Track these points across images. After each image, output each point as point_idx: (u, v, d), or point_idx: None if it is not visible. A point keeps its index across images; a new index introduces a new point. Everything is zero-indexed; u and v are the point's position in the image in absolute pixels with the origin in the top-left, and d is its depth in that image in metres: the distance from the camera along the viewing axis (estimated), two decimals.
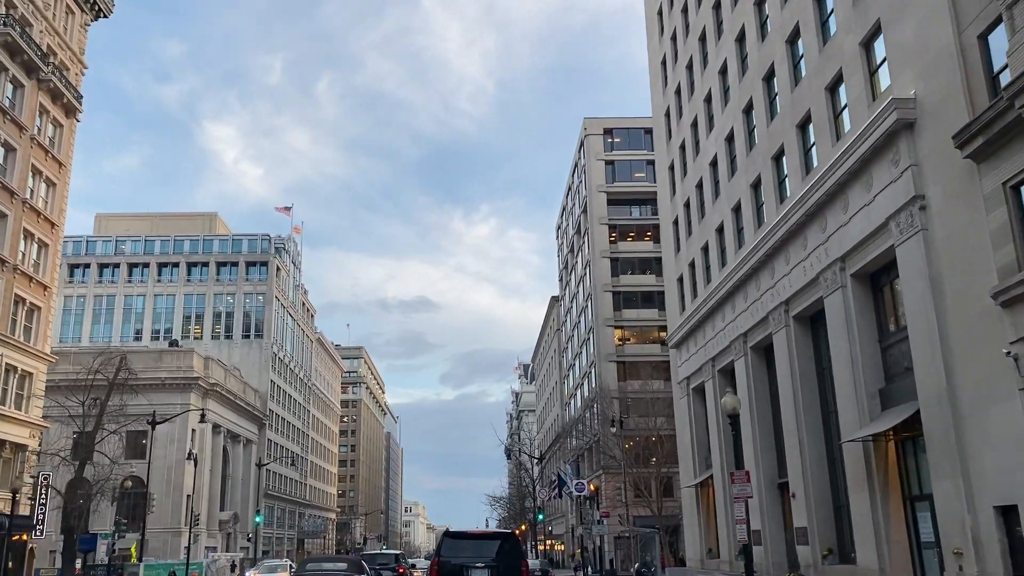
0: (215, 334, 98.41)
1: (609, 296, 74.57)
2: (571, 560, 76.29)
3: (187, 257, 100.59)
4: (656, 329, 74.36)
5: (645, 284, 75.01)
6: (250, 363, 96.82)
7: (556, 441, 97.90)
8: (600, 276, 74.91)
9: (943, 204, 19.39)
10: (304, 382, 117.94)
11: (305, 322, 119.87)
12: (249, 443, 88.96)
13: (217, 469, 79.50)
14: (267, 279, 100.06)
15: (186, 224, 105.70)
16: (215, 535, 77.51)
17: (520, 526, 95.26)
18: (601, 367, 71.78)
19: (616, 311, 74.44)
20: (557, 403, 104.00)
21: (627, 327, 74.48)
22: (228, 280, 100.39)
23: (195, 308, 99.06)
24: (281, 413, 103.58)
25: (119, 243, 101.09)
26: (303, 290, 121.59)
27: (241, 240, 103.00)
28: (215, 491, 78.69)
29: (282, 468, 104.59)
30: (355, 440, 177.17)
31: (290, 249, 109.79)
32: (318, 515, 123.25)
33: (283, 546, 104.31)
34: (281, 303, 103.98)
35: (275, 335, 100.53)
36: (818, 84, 26.30)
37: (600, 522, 64.75)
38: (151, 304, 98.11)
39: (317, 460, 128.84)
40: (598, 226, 76.39)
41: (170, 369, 72.58)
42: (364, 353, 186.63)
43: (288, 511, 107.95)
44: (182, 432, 71.35)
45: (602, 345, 73.17)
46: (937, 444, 19.47)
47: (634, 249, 76.10)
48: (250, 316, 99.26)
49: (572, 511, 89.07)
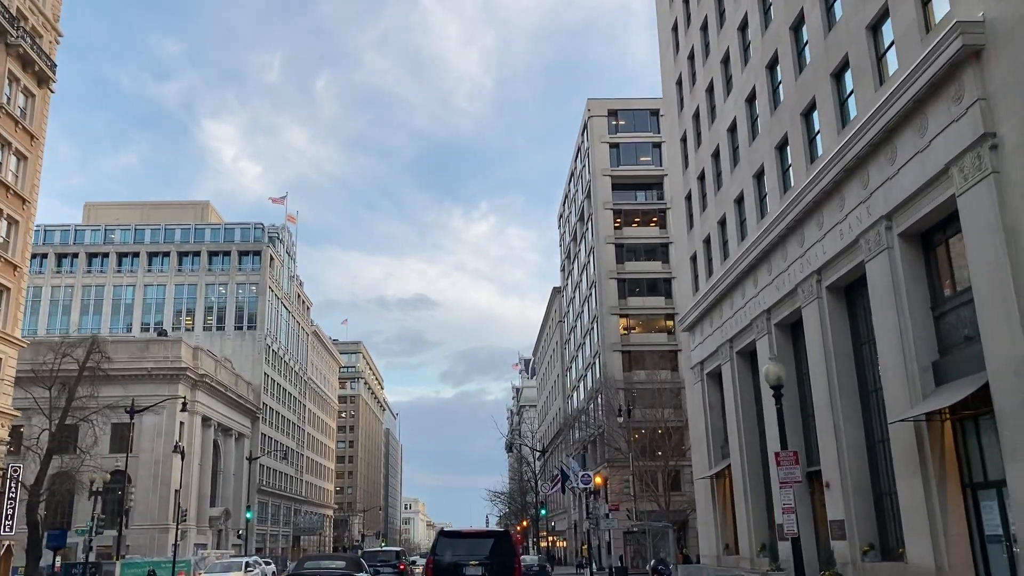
0: (207, 325, 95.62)
1: (614, 284, 71.79)
2: (577, 556, 73.63)
3: (178, 246, 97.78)
4: (663, 317, 71.69)
5: (651, 271, 72.26)
6: (243, 355, 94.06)
7: (559, 435, 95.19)
8: (605, 263, 72.12)
9: (1021, 141, 16.60)
10: (299, 376, 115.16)
11: (300, 314, 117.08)
12: (241, 437, 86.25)
13: (208, 464, 76.78)
14: (260, 269, 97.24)
15: (178, 213, 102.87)
16: (205, 532, 74.80)
17: (522, 522, 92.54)
18: (606, 356, 69.02)
19: (621, 299, 71.67)
20: (559, 396, 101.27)
21: (632, 315, 71.74)
22: (220, 270, 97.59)
23: (186, 299, 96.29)
24: (275, 407, 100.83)
25: (108, 232, 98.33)
26: (298, 282, 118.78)
27: (234, 229, 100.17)
28: (205, 486, 75.97)
29: (276, 463, 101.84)
30: (353, 436, 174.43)
31: (284, 239, 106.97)
32: (314, 512, 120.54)
33: (278, 543, 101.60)
34: (275, 294, 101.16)
35: (269, 327, 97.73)
36: (857, 24, 23.48)
37: (607, 516, 62.02)
38: (141, 295, 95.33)
39: (313, 456, 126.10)
40: (602, 211, 73.60)
41: (157, 359, 69.81)
42: (362, 348, 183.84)
43: (283, 507, 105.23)
44: (170, 425, 68.62)
45: (607, 334, 70.42)
46: (1011, 421, 16.68)
47: (639, 235, 73.33)
48: (243, 307, 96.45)
49: (575, 506, 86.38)
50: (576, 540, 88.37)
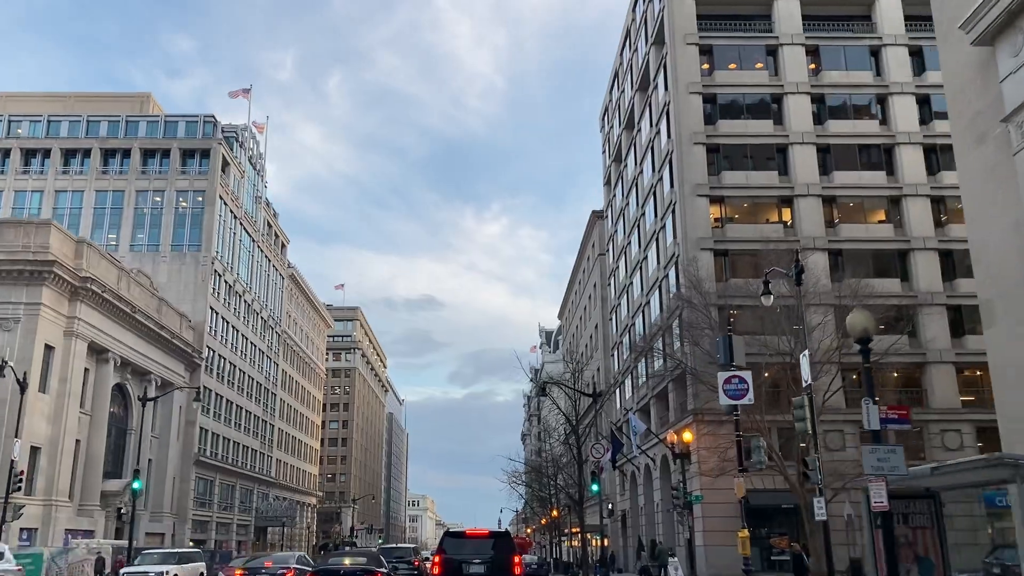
0: (136, 243, 72.22)
1: (701, 152, 47.67)
2: (638, 559, 49.69)
3: (102, 142, 74.40)
4: (776, 201, 47.63)
5: (759, 133, 48.17)
6: (181, 283, 70.60)
7: (597, 401, 70.19)
8: (687, 121, 47.98)
9: None
10: (269, 326, 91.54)
11: (271, 250, 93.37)
12: (169, 386, 62.25)
13: (102, 416, 53.23)
14: (209, 172, 73.64)
15: (110, 106, 79.28)
16: (91, 513, 51.21)
17: (552, 511, 68.38)
18: (687, 257, 44.91)
19: (712, 175, 47.61)
20: (599, 352, 77.15)
21: (731, 198, 47.66)
22: (157, 173, 74.16)
23: (110, 209, 72.90)
24: (227, 356, 77.20)
25: (13, 123, 75.18)
26: (269, 208, 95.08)
27: (176, 122, 76.63)
28: (96, 448, 52.46)
29: (231, 431, 78.33)
30: (348, 416, 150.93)
31: (247, 143, 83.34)
32: (286, 498, 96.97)
33: (230, 534, 77.99)
34: (230, 210, 77.56)
35: (219, 250, 74.15)
36: None
37: (690, 499, 38.09)
38: (50, 202, 72.01)
39: (290, 429, 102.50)
40: (683, 48, 49.41)
41: (10, 248, 46.28)
42: (360, 315, 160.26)
43: (240, 489, 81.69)
44: (26, 350, 45.16)
45: (690, 225, 46.34)
46: None
47: (740, 82, 49.20)
48: (184, 220, 72.91)
49: (624, 486, 62.28)
50: (623, 536, 64.15)
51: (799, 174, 47.18)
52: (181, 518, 66.04)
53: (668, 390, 49.33)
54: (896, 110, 48.26)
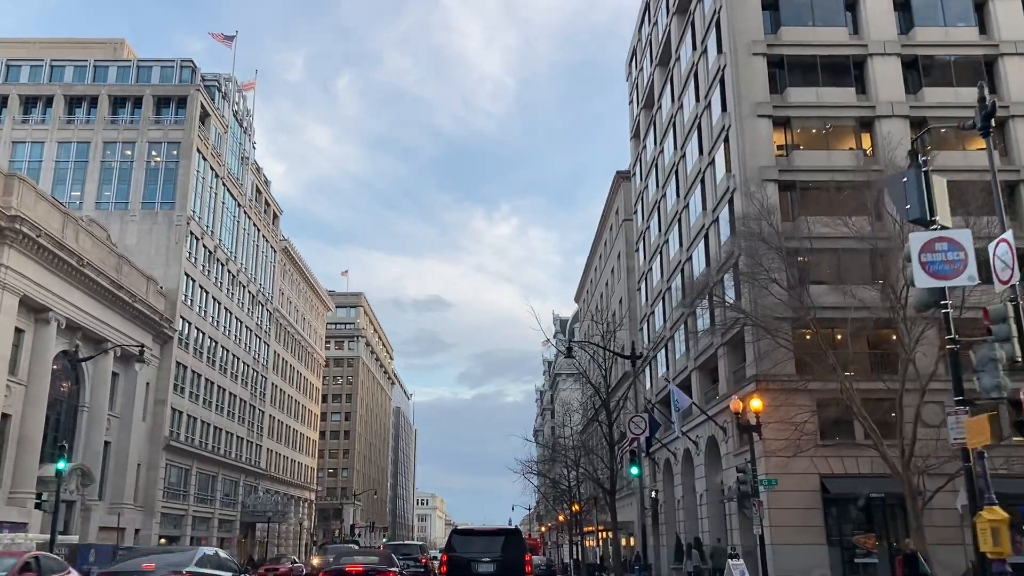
0: (102, 200, 64.04)
1: (761, 64, 38.98)
2: (678, 560, 40.96)
3: (67, 88, 66.29)
4: (855, 124, 38.87)
5: (832, 41, 39.47)
6: (152, 246, 62.36)
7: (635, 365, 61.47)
8: (744, 28, 39.29)
9: None
10: (258, 301, 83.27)
11: (260, 217, 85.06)
12: (129, 359, 53.87)
13: (42, 389, 44.86)
14: (185, 122, 65.35)
15: (80, 53, 71.18)
16: (24, 503, 42.81)
17: (571, 506, 59.61)
18: (746, 189, 36.23)
19: (775, 93, 38.94)
20: (624, 330, 68.33)
21: (798, 120, 38.95)
22: (127, 123, 65.94)
23: (74, 162, 64.75)
24: (207, 330, 68.90)
25: None
26: (260, 174, 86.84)
27: (150, 67, 68.43)
28: (32, 426, 44.06)
29: (213, 414, 70.10)
30: (350, 407, 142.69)
31: (230, 94, 75.05)
32: (280, 492, 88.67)
33: (210, 530, 69.69)
34: (210, 166, 69.25)
35: (196, 209, 65.82)
36: None
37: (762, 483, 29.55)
38: (6, 153, 63.88)
39: (283, 417, 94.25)
40: None
41: None
42: (363, 301, 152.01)
43: (224, 480, 73.38)
44: None
45: (749, 153, 37.67)
46: None
47: None
48: (157, 175, 64.66)
49: (655, 476, 53.49)
50: (654, 534, 55.43)
51: (880, 91, 38.46)
52: (148, 511, 57.80)
53: (717, 356, 40.68)
54: (999, 16, 39.52)
